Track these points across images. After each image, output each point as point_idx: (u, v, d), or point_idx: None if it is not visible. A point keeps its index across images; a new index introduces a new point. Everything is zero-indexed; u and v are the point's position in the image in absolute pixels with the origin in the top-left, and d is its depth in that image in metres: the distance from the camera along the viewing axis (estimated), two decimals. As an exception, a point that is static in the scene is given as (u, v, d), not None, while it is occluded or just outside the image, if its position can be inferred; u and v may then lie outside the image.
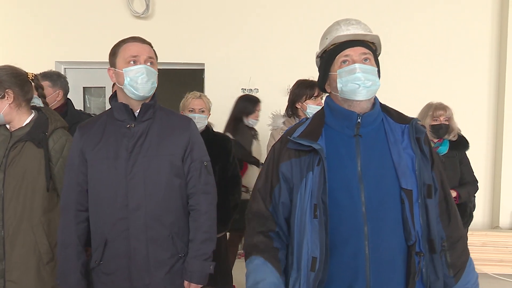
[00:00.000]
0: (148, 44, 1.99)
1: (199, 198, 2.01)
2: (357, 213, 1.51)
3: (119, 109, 1.98)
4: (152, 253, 1.94)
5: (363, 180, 1.53)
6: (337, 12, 4.53)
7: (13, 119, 2.29)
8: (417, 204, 1.52)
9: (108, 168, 1.95)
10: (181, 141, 2.00)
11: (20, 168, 2.20)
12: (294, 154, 1.61)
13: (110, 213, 1.95)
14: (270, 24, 4.69)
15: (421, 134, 1.58)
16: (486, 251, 4.41)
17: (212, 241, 2.02)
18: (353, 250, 1.51)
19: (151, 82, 1.94)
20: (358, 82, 1.56)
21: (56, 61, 4.71)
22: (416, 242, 1.51)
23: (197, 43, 4.64)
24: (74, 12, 4.65)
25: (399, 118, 1.64)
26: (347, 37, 1.60)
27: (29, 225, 2.20)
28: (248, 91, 4.56)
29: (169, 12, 4.66)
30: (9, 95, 2.25)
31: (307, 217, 1.53)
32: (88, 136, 2.01)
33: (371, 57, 1.60)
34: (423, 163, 1.55)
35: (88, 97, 4.98)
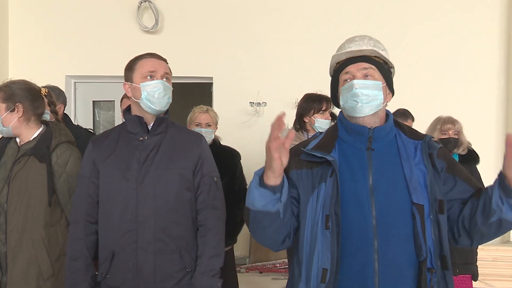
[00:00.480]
0: (164, 61, 2.06)
1: (208, 213, 2.02)
2: (367, 226, 1.51)
3: (133, 122, 2.00)
4: (159, 266, 1.94)
5: (374, 193, 1.54)
6: (345, 26, 4.56)
7: (21, 133, 2.31)
8: (429, 220, 1.51)
9: (119, 179, 1.97)
10: (192, 156, 2.02)
11: (23, 182, 2.22)
12: (306, 165, 1.62)
13: (119, 225, 1.96)
14: (278, 38, 4.71)
15: (434, 150, 1.58)
16: (497, 266, 4.35)
17: (220, 257, 2.01)
18: (362, 263, 1.51)
19: (167, 97, 2.00)
20: (356, 99, 1.57)
21: (66, 75, 4.75)
22: (427, 258, 1.50)
23: (205, 57, 4.67)
24: (84, 27, 4.71)
25: (412, 134, 1.65)
26: (346, 55, 1.63)
27: (30, 239, 2.21)
28: (256, 105, 4.57)
29: (178, 27, 4.71)
30: (19, 109, 2.28)
31: (319, 228, 1.53)
32: (101, 148, 2.04)
33: (374, 71, 1.60)
34: (435, 179, 1.54)
35: (97, 110, 5.01)
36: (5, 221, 2.21)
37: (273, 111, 4.55)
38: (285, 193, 1.48)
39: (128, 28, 4.70)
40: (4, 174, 2.26)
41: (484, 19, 4.73)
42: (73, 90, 4.90)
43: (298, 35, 4.70)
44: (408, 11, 4.71)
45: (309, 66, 4.54)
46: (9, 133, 2.31)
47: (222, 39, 4.71)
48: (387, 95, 1.63)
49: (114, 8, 4.71)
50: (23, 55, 4.69)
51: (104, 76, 4.76)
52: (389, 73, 1.65)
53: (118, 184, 1.97)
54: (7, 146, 2.34)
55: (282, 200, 1.47)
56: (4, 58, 4.64)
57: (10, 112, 2.27)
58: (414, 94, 4.45)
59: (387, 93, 1.64)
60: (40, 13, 4.73)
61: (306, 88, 3.27)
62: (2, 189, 2.24)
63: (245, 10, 4.73)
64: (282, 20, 4.73)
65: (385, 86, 1.62)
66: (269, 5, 4.74)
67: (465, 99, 4.65)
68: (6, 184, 2.23)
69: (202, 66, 4.65)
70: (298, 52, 4.67)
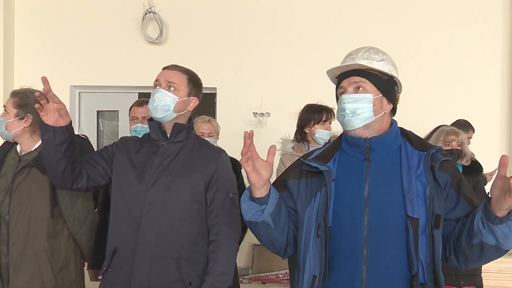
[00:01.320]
0: (178, 71, 2.08)
1: (220, 229, 1.98)
2: (357, 236, 1.53)
3: (154, 128, 2.04)
4: (154, 273, 1.93)
5: (368, 204, 1.54)
6: (348, 37, 4.57)
7: (23, 142, 2.31)
8: (424, 234, 1.50)
9: (132, 178, 1.99)
10: (208, 169, 2.00)
11: (25, 193, 2.21)
12: (306, 175, 1.65)
13: (124, 222, 1.98)
14: (281, 49, 4.73)
15: (436, 162, 1.55)
16: (502, 278, 4.31)
17: (228, 275, 1.95)
18: (350, 272, 1.53)
19: (161, 104, 1.98)
20: (343, 113, 1.61)
21: (71, 85, 4.78)
22: (418, 272, 1.49)
23: (209, 68, 4.69)
24: (89, 37, 4.74)
25: (419, 144, 1.64)
26: (338, 69, 1.66)
27: (33, 251, 2.20)
28: (259, 115, 4.58)
29: (182, 38, 4.74)
30: (28, 119, 2.28)
31: (311, 236, 1.56)
32: (125, 146, 2.08)
33: (366, 84, 1.61)
34: (435, 192, 1.52)
35: (101, 120, 5.03)
36: (7, 233, 2.20)
37: (277, 121, 4.57)
38: (271, 205, 1.55)
39: (133, 38, 4.73)
40: (5, 185, 2.24)
41: (487, 31, 4.73)
42: (78, 99, 4.93)
43: (302, 46, 4.72)
44: (413, 22, 4.72)
45: (312, 76, 4.55)
46: (8, 138, 2.30)
47: (225, 49, 4.73)
48: (383, 106, 1.62)
49: (119, 19, 4.75)
50: (29, 65, 4.72)
51: (108, 86, 4.79)
52: (388, 83, 1.64)
53: (130, 183, 1.99)
54: (7, 155, 2.32)
55: (266, 211, 1.54)
56: (10, 68, 4.68)
57: (18, 119, 2.28)
58: (418, 106, 4.45)
59: (385, 103, 1.63)
60: (45, 24, 4.77)
61: (309, 99, 3.28)
62: (3, 200, 2.22)
63: (248, 21, 4.76)
64: (286, 31, 4.75)
65: (381, 98, 1.61)
66: (273, 16, 4.76)
67: (470, 109, 4.63)
68: (8, 195, 2.22)
69: (205, 76, 4.59)
70: (302, 63, 4.68)
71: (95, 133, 4.94)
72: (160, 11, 4.67)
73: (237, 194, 2.05)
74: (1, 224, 2.21)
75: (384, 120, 1.64)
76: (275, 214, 1.56)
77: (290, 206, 1.65)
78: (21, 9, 4.77)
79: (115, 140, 2.12)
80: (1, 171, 2.28)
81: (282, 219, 1.60)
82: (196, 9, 4.77)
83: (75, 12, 4.77)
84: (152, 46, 4.71)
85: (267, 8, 4.77)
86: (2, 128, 2.28)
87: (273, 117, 4.61)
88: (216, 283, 1.90)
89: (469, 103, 4.67)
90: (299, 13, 4.77)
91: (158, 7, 4.66)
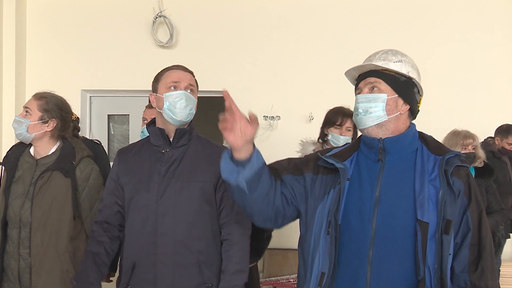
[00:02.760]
0: (190, 73, 2.06)
1: (231, 228, 1.97)
2: (364, 237, 1.52)
3: (155, 134, 2.02)
4: (178, 280, 1.93)
5: (378, 205, 1.54)
6: (359, 40, 4.54)
7: (40, 146, 2.32)
8: (433, 239, 1.48)
9: (140, 191, 1.98)
10: (214, 169, 1.95)
11: (48, 197, 2.23)
12: (323, 172, 1.66)
13: (139, 236, 1.97)
14: (291, 52, 4.72)
15: (450, 167, 1.53)
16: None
17: (244, 272, 1.94)
18: (354, 272, 1.53)
19: (189, 108, 1.98)
20: (356, 112, 1.64)
21: (82, 89, 4.80)
22: (425, 278, 1.46)
23: (219, 71, 4.69)
24: (100, 42, 4.76)
25: (436, 148, 1.63)
26: (355, 71, 1.68)
27: (56, 253, 2.22)
28: (270, 119, 4.57)
29: (192, 41, 4.74)
30: (51, 124, 2.30)
31: (322, 233, 1.56)
32: (125, 160, 2.07)
33: (380, 84, 1.62)
34: (448, 197, 1.50)
35: (112, 124, 5.05)
36: (28, 236, 2.21)
37: (287, 125, 4.56)
38: (249, 171, 1.53)
39: (143, 42, 4.74)
40: (23, 189, 2.25)
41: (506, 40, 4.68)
42: (89, 104, 4.95)
43: (312, 49, 4.70)
44: (432, 22, 4.67)
45: (323, 79, 4.53)
46: (26, 139, 2.31)
47: (236, 53, 4.73)
48: (398, 106, 1.62)
49: (130, 23, 4.77)
50: (41, 70, 4.75)
51: (119, 90, 4.81)
52: (405, 84, 1.63)
53: (139, 196, 1.98)
54: (20, 159, 2.34)
55: (242, 177, 1.53)
56: (22, 72, 4.71)
57: (42, 122, 2.30)
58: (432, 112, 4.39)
59: (400, 104, 1.62)
60: (57, 28, 4.80)
61: (320, 102, 3.27)
62: (23, 204, 2.23)
63: (258, 24, 4.75)
64: (295, 33, 4.73)
65: (396, 98, 1.61)
66: (283, 19, 4.75)
67: (485, 112, 4.58)
68: (28, 199, 2.23)
69: (215, 79, 4.66)
70: (312, 66, 4.66)
71: (106, 137, 4.96)
72: (170, 15, 4.68)
73: None
74: (21, 228, 2.22)
75: (400, 121, 1.63)
76: (251, 182, 1.54)
77: (293, 188, 1.66)
78: (32, 14, 4.81)
79: (125, 144, 2.13)
80: (16, 175, 2.29)
81: (260, 190, 1.58)
82: (206, 13, 4.78)
83: (86, 17, 4.79)
84: (162, 50, 4.72)
85: (277, 11, 4.76)
86: (23, 129, 2.28)
87: (284, 121, 4.59)
88: (233, 281, 1.90)
89: (484, 104, 4.60)
90: (309, 15, 4.75)
91: (168, 11, 4.67)
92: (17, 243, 2.23)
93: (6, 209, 2.25)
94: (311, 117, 4.52)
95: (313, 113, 4.52)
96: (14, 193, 2.26)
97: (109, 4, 4.80)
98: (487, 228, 1.57)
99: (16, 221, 2.23)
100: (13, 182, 2.28)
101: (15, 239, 2.23)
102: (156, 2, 4.67)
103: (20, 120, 2.29)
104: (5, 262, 2.25)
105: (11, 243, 2.25)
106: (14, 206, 2.24)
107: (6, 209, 2.25)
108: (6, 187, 2.27)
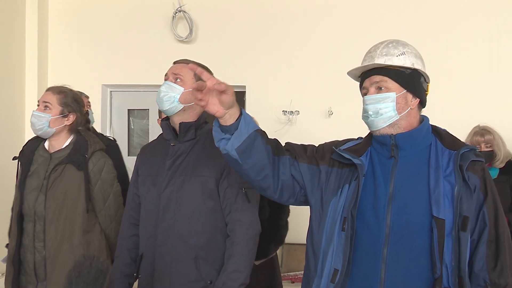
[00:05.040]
0: (185, 63, 2.02)
1: (234, 226, 1.94)
2: (379, 234, 1.50)
3: (165, 128, 2.05)
4: (174, 274, 1.93)
5: (392, 202, 1.51)
6: (379, 34, 4.48)
7: (56, 140, 2.35)
8: (450, 236, 1.44)
9: (149, 185, 2.01)
10: (217, 164, 1.96)
11: (61, 190, 2.25)
12: (338, 165, 1.63)
13: (145, 229, 2.00)
14: (310, 46, 4.69)
15: (465, 161, 1.49)
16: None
17: (241, 273, 1.89)
18: (368, 270, 1.50)
19: (167, 96, 1.97)
20: (366, 114, 1.59)
21: (102, 84, 4.85)
22: (442, 276, 1.43)
23: (238, 66, 4.69)
24: (120, 37, 4.80)
25: (450, 143, 1.58)
26: (360, 69, 1.65)
27: (70, 246, 2.24)
28: (289, 113, 4.56)
29: (211, 36, 4.75)
30: (70, 118, 2.33)
31: (336, 229, 1.54)
32: (143, 155, 2.12)
33: (387, 82, 1.57)
34: (464, 193, 1.46)
35: (132, 119, 5.10)
36: (43, 229, 2.24)
37: (306, 119, 4.53)
38: (236, 140, 1.49)
39: (163, 37, 4.76)
40: (38, 183, 2.28)
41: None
42: (109, 98, 5.00)
43: (332, 43, 4.67)
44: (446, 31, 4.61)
45: (343, 74, 4.46)
46: (47, 134, 2.33)
47: (255, 48, 4.72)
48: (408, 102, 1.58)
49: (149, 18, 4.79)
50: (62, 65, 4.81)
51: (139, 85, 4.84)
52: (411, 77, 1.59)
53: (148, 189, 2.01)
54: (35, 153, 2.36)
55: (230, 145, 1.49)
56: (44, 68, 4.78)
57: (62, 116, 2.32)
58: (451, 101, 4.34)
59: (409, 99, 1.59)
60: (78, 25, 4.85)
61: (339, 97, 3.24)
62: (37, 197, 2.26)
63: (278, 19, 4.73)
64: (315, 28, 4.70)
65: (405, 94, 1.58)
66: (302, 15, 4.72)
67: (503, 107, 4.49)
68: (42, 193, 2.26)
69: (235, 74, 4.67)
70: (332, 60, 4.62)
71: (126, 131, 5.01)
72: (190, 10, 4.69)
73: (251, 189, 1.95)
74: (36, 221, 2.25)
75: (412, 116, 1.60)
76: (243, 151, 1.51)
77: (303, 177, 1.64)
78: (54, 10, 4.86)
79: (145, 139, 2.16)
80: (31, 169, 2.31)
81: (254, 159, 1.54)
82: (225, 8, 4.77)
83: (107, 13, 4.83)
84: (182, 45, 4.73)
85: (296, 5, 4.72)
86: (44, 124, 2.30)
87: (303, 115, 4.57)
88: (228, 280, 1.86)
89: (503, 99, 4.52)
90: (329, 9, 4.71)
91: (188, 6, 4.68)
92: (32, 236, 2.26)
93: (22, 203, 2.28)
94: (331, 112, 4.49)
95: (332, 108, 4.49)
96: (29, 187, 2.29)
97: (129, 0, 4.83)
98: (504, 224, 1.52)
99: (31, 215, 2.26)
100: (28, 176, 2.31)
101: (31, 232, 2.27)
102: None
103: (40, 115, 2.30)
104: (22, 255, 2.29)
105: (26, 236, 2.28)
106: (29, 200, 2.27)
107: (21, 203, 2.28)
108: (21, 181, 2.30)
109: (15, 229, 2.29)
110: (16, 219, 2.28)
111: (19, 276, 2.28)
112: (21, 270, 2.29)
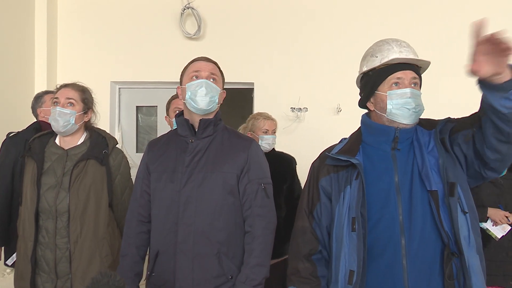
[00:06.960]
0: (213, 63, 2.08)
1: (254, 221, 1.96)
2: (394, 225, 1.53)
3: (181, 124, 2.04)
4: (196, 270, 1.93)
5: (400, 192, 1.56)
6: (388, 31, 4.46)
7: (73, 136, 2.37)
8: (444, 204, 1.51)
9: (165, 181, 2.00)
10: (238, 160, 1.98)
11: (85, 185, 2.26)
12: (333, 170, 1.67)
13: (162, 225, 1.99)
14: (319, 43, 4.68)
15: (445, 134, 1.58)
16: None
17: (263, 267, 1.93)
18: (389, 261, 1.52)
19: (210, 95, 1.98)
20: (409, 107, 1.60)
21: (111, 81, 4.87)
22: (449, 242, 1.49)
23: (246, 63, 4.69)
24: (129, 34, 4.82)
25: (428, 125, 1.67)
26: (403, 60, 1.63)
27: (95, 240, 2.26)
28: (297, 110, 4.55)
29: (220, 33, 4.75)
30: (89, 115, 2.36)
31: (345, 231, 1.56)
32: (153, 151, 2.10)
33: (419, 82, 1.65)
34: (448, 163, 1.54)
35: (140, 115, 5.11)
36: (66, 226, 2.24)
37: (314, 116, 4.53)
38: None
39: (171, 34, 4.77)
40: (55, 180, 2.27)
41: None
42: (118, 95, 5.02)
43: (340, 40, 4.65)
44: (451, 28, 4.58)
45: (351, 71, 4.45)
46: (70, 131, 2.33)
47: (263, 44, 4.72)
48: None
49: (158, 15, 4.80)
50: (71, 62, 4.84)
51: (147, 82, 4.86)
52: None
53: (164, 186, 2.00)
54: (45, 150, 2.35)
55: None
56: (53, 65, 4.80)
57: (83, 113, 2.35)
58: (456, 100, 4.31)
59: None
60: (87, 21, 4.88)
61: (348, 94, 3.23)
62: (57, 194, 2.26)
63: (286, 16, 4.72)
64: (324, 25, 4.69)
65: None
66: (311, 11, 4.71)
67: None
68: (63, 189, 2.26)
69: (243, 71, 4.67)
70: (340, 57, 4.61)
71: (134, 128, 5.02)
72: (198, 7, 4.69)
73: (270, 184, 2.03)
74: (57, 218, 2.25)
75: None
76: None
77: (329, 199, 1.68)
78: (63, 7, 4.89)
79: (153, 135, 2.17)
80: (45, 167, 2.31)
81: None
82: (233, 5, 4.77)
83: (115, 10, 4.85)
84: (190, 41, 4.74)
85: (305, 2, 4.71)
86: (70, 121, 2.31)
87: (311, 112, 4.56)
88: (252, 274, 1.90)
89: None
90: (337, 7, 4.69)
91: (196, 2, 4.68)
92: (53, 233, 2.25)
93: (38, 201, 2.27)
94: (339, 109, 4.48)
95: (341, 105, 4.48)
96: (45, 185, 2.28)
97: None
98: None
99: (51, 212, 2.25)
100: (43, 174, 2.30)
101: (51, 229, 2.25)
102: (184, -6, 4.69)
103: (65, 112, 2.29)
104: (38, 253, 2.27)
105: (46, 234, 2.26)
106: (47, 198, 2.26)
107: (38, 201, 2.27)
108: (37, 179, 2.28)
109: (32, 227, 2.26)
110: (33, 217, 2.26)
111: (33, 275, 2.28)
112: (35, 269, 2.27)
